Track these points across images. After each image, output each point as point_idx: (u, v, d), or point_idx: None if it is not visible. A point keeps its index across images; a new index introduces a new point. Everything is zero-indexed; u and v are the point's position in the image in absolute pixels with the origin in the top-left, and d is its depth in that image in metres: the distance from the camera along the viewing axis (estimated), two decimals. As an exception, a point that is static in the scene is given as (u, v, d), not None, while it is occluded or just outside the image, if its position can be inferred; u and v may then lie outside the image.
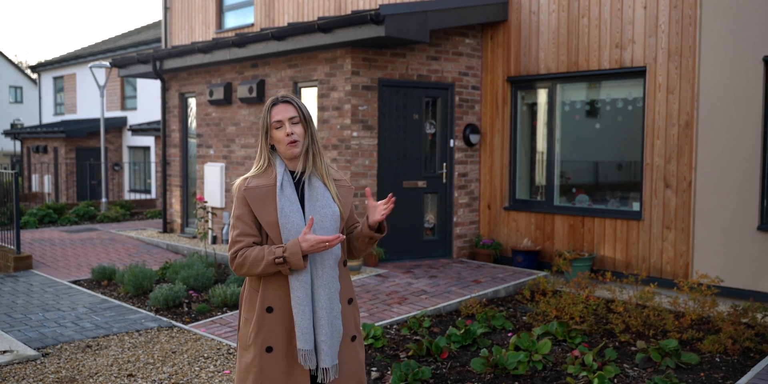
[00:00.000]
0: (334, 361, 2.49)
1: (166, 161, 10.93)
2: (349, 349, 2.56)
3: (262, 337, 2.48)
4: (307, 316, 2.44)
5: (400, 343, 5.15)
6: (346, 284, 2.59)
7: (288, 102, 2.53)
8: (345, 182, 2.64)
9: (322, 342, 2.46)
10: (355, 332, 2.61)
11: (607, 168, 7.66)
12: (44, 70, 25.47)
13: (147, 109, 19.60)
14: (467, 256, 8.40)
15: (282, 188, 2.49)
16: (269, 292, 2.48)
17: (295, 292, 2.44)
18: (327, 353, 2.46)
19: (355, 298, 2.65)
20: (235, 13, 11.61)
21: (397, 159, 7.90)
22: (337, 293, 2.52)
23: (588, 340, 5.22)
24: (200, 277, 6.89)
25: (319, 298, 2.47)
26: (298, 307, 2.43)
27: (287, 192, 2.50)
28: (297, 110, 2.52)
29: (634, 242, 7.10)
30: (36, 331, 5.56)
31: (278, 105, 2.52)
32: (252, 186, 2.51)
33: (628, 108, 7.30)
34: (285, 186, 2.50)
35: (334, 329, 2.49)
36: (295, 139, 2.50)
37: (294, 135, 2.49)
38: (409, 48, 7.79)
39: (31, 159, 22.92)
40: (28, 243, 9.91)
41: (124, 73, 11.00)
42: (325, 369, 2.47)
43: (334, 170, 2.64)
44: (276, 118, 2.50)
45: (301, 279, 2.44)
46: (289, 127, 2.49)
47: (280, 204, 2.47)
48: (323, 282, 2.48)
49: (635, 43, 7.02)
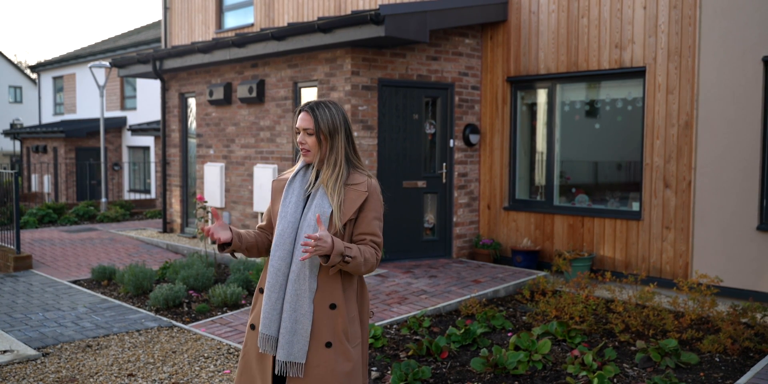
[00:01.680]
0: (292, 358, 2.49)
1: (166, 161, 10.94)
2: (321, 355, 2.51)
3: (252, 314, 2.68)
4: (272, 302, 2.55)
5: (400, 343, 5.15)
6: (331, 289, 2.53)
7: (307, 112, 2.59)
8: (361, 187, 2.57)
9: (281, 334, 2.52)
10: (332, 339, 2.52)
11: (607, 168, 7.67)
12: (44, 70, 25.46)
13: (147, 109, 19.60)
14: (467, 256, 8.40)
15: (292, 181, 2.66)
16: (264, 274, 2.67)
17: (268, 276, 2.58)
18: (283, 346, 2.51)
19: (341, 305, 2.54)
20: (235, 13, 11.61)
21: (397, 159, 7.91)
22: (309, 293, 2.50)
23: (588, 340, 5.23)
24: (200, 277, 6.89)
25: (287, 291, 2.54)
26: (267, 291, 2.58)
27: (295, 185, 2.65)
28: (314, 123, 2.56)
29: (633, 242, 7.11)
30: (36, 331, 5.56)
31: (302, 113, 2.61)
32: (279, 178, 2.76)
33: (628, 108, 7.31)
34: (296, 180, 2.66)
35: (298, 326, 2.50)
36: (305, 148, 2.62)
37: (305, 145, 2.61)
38: (409, 48, 7.80)
39: (31, 159, 22.91)
40: (27, 243, 9.91)
41: (124, 73, 11.00)
42: (282, 362, 2.51)
43: (359, 174, 2.60)
44: (297, 124, 2.63)
45: (275, 265, 2.56)
46: (301, 137, 2.62)
47: (285, 194, 2.64)
48: (294, 276, 2.53)
49: (635, 44, 7.03)
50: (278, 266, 2.54)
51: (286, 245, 2.55)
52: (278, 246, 2.56)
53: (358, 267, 2.48)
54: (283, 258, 2.54)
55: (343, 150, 2.59)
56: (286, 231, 2.55)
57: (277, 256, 2.55)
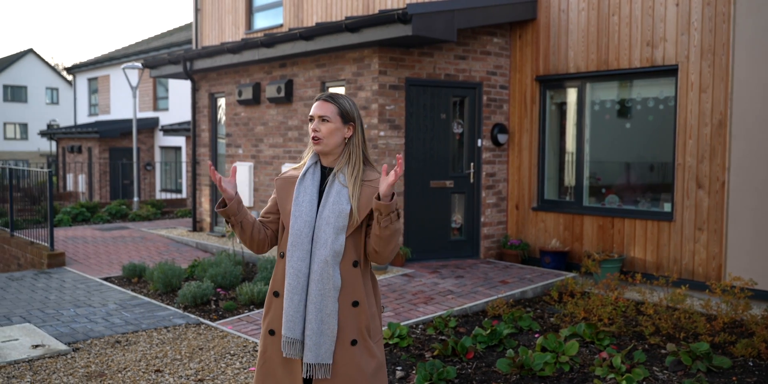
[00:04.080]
0: (320, 359, 2.46)
1: (196, 160, 11.06)
2: (347, 353, 2.50)
3: (268, 319, 2.60)
4: (294, 304, 2.48)
5: (426, 343, 5.13)
6: (353, 286, 2.51)
7: (325, 100, 2.56)
8: (376, 183, 2.54)
9: (308, 336, 2.47)
10: (357, 337, 2.51)
11: (638, 168, 7.55)
12: (79, 71, 25.95)
13: (178, 110, 19.87)
14: (495, 257, 8.34)
15: (303, 179, 2.58)
16: (277, 277, 2.60)
17: (287, 278, 2.50)
18: (311, 349, 2.46)
19: (363, 302, 2.53)
20: (264, 14, 11.69)
21: (424, 158, 7.88)
22: (333, 291, 2.47)
23: (616, 342, 5.14)
24: (228, 275, 6.95)
25: (311, 292, 2.48)
26: (288, 294, 2.49)
27: (306, 183, 2.57)
28: (332, 110, 2.53)
29: (665, 243, 6.98)
30: (67, 327, 5.66)
31: (318, 101, 2.58)
32: (283, 176, 2.67)
33: (660, 107, 7.18)
34: (306, 178, 2.58)
35: (325, 327, 2.47)
36: (317, 136, 2.53)
37: (318, 132, 2.53)
38: (437, 47, 7.77)
39: (66, 159, 23.37)
40: (61, 240, 10.11)
41: (156, 73, 11.16)
42: (310, 365, 2.47)
43: (373, 171, 2.59)
44: (311, 112, 2.58)
45: (295, 266, 2.49)
46: (315, 124, 2.54)
47: (296, 193, 2.56)
48: (317, 276, 2.47)
49: (667, 41, 6.91)
50: (298, 267, 2.48)
51: (305, 245, 2.49)
52: (296, 246, 2.49)
53: (398, 232, 2.43)
54: (302, 258, 2.49)
55: (360, 145, 2.58)
56: (303, 230, 2.49)
57: (296, 257, 2.48)
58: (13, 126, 42.97)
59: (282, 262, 2.57)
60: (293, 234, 2.50)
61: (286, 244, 2.54)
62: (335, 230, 2.47)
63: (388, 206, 2.35)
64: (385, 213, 2.37)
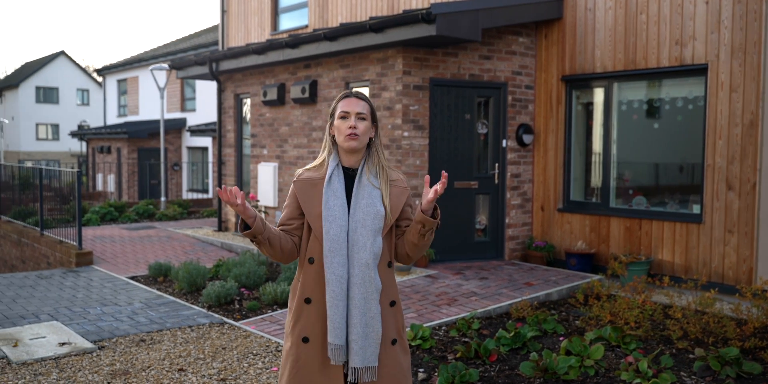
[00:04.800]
0: (367, 362, 2.46)
1: (222, 161, 11.14)
2: (389, 353, 2.52)
3: (299, 327, 2.53)
4: (339, 311, 2.45)
5: (449, 345, 5.09)
6: (389, 286, 2.55)
7: (361, 99, 2.56)
8: (401, 183, 2.60)
9: (353, 341, 2.45)
10: (396, 336, 2.56)
11: (666, 169, 7.42)
12: (109, 73, 26.34)
13: (205, 111, 20.05)
14: (519, 258, 8.26)
15: (330, 182, 2.52)
16: (308, 283, 2.53)
17: (329, 285, 2.45)
18: (357, 353, 2.45)
19: (398, 301, 2.59)
20: (290, 15, 11.74)
21: (449, 159, 7.84)
22: (376, 294, 2.48)
23: (643, 347, 5.05)
24: (252, 275, 6.98)
25: (353, 296, 2.46)
26: (332, 301, 2.45)
27: (334, 186, 2.52)
28: (367, 109, 2.54)
29: (693, 246, 6.85)
30: (94, 325, 5.73)
31: (351, 98, 2.55)
32: (302, 178, 2.58)
33: (689, 107, 7.05)
34: (333, 180, 2.53)
35: (369, 330, 2.46)
36: (356, 133, 2.51)
37: (356, 129, 2.51)
38: (461, 47, 7.72)
39: (96, 159, 23.73)
40: (89, 240, 10.25)
41: (182, 74, 11.27)
42: (356, 369, 2.46)
43: (392, 171, 2.61)
44: (344, 108, 2.52)
45: (337, 273, 2.45)
46: (353, 121, 2.51)
47: (325, 197, 2.50)
48: (359, 280, 2.46)
49: (696, 40, 6.78)
50: (340, 273, 2.45)
51: (343, 250, 2.46)
52: (334, 252, 2.45)
53: (432, 237, 2.51)
54: (342, 264, 2.46)
55: (381, 145, 2.61)
56: (339, 235, 2.46)
57: (336, 263, 2.45)
58: (45, 127, 43.76)
59: (312, 268, 2.51)
60: (330, 239, 2.46)
61: (316, 248, 2.50)
62: (372, 232, 2.47)
63: (434, 222, 2.43)
64: (429, 227, 2.43)
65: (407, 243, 2.54)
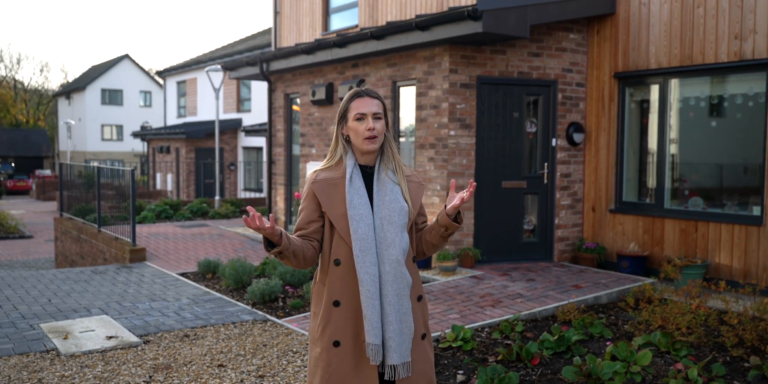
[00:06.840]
0: (404, 358, 2.45)
1: (272, 160, 11.27)
2: (420, 348, 2.54)
3: (329, 331, 2.48)
4: (376, 310, 2.41)
5: (490, 347, 4.99)
6: (415, 281, 2.56)
7: (374, 97, 2.51)
8: (416, 178, 2.62)
9: (390, 338, 2.43)
10: (425, 330, 2.59)
11: (724, 169, 7.10)
12: (169, 75, 27.06)
13: (260, 111, 20.37)
14: (569, 260, 8.06)
15: (351, 181, 2.49)
16: (335, 285, 2.48)
17: (364, 285, 2.41)
18: (395, 350, 2.43)
19: (424, 296, 2.61)
20: (340, 15, 11.79)
21: (496, 158, 7.71)
22: (407, 289, 2.47)
23: (694, 353, 4.84)
24: (296, 273, 7.02)
25: (386, 294, 2.44)
26: (367, 300, 2.40)
27: (356, 184, 2.49)
28: (381, 107, 2.51)
29: (753, 249, 6.54)
30: (141, 319, 5.85)
31: (363, 98, 2.49)
32: (320, 178, 2.52)
33: (749, 104, 6.74)
34: (354, 179, 2.50)
35: (404, 326, 2.46)
36: (375, 135, 2.48)
37: (375, 131, 2.47)
38: (509, 44, 7.58)
39: (156, 158, 24.41)
40: (144, 236, 10.52)
41: (234, 75, 11.45)
42: (393, 366, 2.44)
43: (405, 166, 2.61)
44: (360, 110, 2.47)
45: (370, 272, 2.41)
46: (371, 122, 2.47)
47: (349, 196, 2.46)
48: (390, 277, 2.44)
49: (757, 34, 6.47)
50: (372, 272, 2.41)
51: (372, 248, 2.43)
52: (365, 251, 2.42)
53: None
54: (374, 263, 2.43)
55: (393, 141, 2.59)
56: (368, 234, 2.43)
57: (368, 262, 2.41)
58: (110, 128, 45.32)
59: (338, 269, 2.47)
60: (359, 238, 2.42)
61: (342, 249, 2.46)
62: (399, 228, 2.46)
63: (458, 227, 2.50)
64: (452, 231, 2.52)
65: (425, 243, 2.60)
